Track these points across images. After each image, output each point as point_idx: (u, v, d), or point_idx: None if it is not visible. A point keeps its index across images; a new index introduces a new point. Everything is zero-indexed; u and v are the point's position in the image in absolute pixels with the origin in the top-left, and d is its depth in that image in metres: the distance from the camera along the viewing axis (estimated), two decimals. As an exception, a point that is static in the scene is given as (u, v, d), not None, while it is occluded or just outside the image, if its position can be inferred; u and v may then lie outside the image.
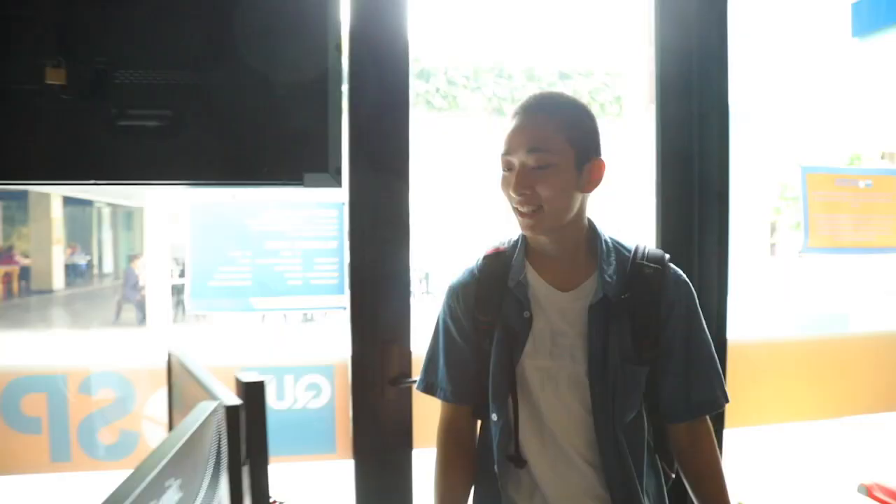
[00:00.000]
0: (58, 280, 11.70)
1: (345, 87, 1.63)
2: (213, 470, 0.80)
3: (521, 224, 1.24)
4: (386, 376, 1.69)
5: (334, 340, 2.11)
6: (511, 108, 1.28)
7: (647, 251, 1.31)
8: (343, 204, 1.71)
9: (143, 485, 0.60)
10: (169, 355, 1.24)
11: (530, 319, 1.24)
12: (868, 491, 2.13)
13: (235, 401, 0.90)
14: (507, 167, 1.21)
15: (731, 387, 1.38)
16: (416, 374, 1.44)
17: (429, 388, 1.34)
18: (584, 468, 1.24)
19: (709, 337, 1.32)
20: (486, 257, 1.32)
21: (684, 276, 1.31)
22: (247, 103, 1.45)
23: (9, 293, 11.06)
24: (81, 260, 12.66)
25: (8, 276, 11.22)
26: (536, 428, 1.26)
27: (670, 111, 1.97)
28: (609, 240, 1.31)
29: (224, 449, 0.85)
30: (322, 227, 1.73)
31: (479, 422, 1.34)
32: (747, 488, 2.64)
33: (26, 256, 11.56)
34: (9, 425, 1.71)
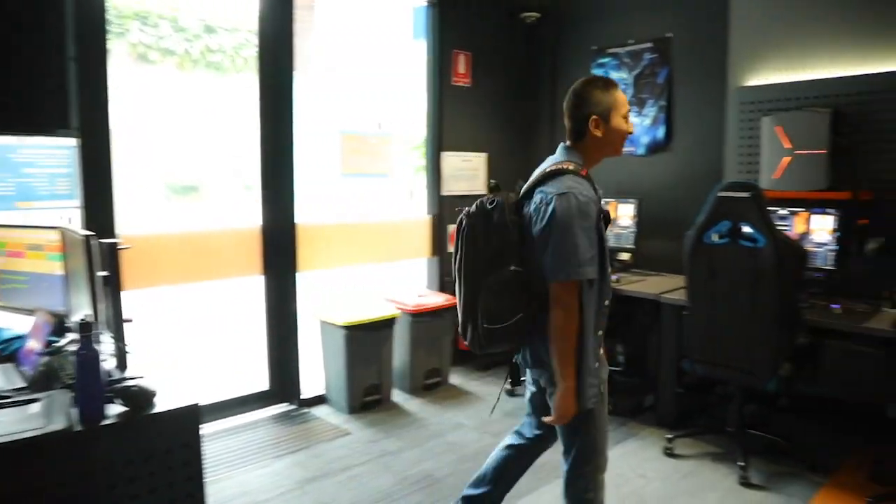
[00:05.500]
0: None
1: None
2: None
3: (620, 150, 1.91)
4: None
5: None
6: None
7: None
8: (75, 146, 2.87)
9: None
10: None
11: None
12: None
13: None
14: (627, 118, 1.87)
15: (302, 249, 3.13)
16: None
17: None
18: None
19: (561, 237, 1.76)
20: (584, 177, 1.85)
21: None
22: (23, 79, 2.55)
23: None
24: None
25: None
26: None
27: (266, 75, 3.57)
28: None
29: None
30: (61, 159, 2.87)
31: None
32: (322, 304, 3.99)
33: None
34: None
